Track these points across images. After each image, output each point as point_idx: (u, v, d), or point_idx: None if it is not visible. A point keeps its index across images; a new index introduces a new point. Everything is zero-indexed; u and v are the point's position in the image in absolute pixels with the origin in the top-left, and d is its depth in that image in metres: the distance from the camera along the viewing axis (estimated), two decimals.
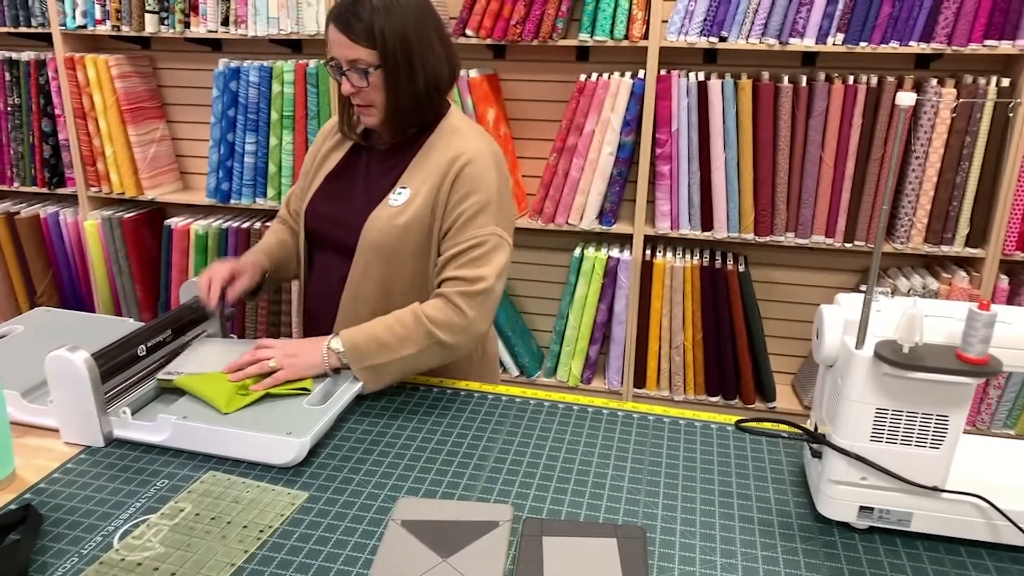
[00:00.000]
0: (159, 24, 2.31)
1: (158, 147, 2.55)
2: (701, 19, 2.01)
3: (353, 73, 1.19)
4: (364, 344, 1.15)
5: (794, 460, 1.04)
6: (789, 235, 2.14)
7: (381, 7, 1.17)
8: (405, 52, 1.18)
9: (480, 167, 1.22)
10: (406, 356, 1.15)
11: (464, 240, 1.20)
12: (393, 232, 1.22)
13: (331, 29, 1.19)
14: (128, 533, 0.86)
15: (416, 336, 1.16)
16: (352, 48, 1.17)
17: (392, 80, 1.19)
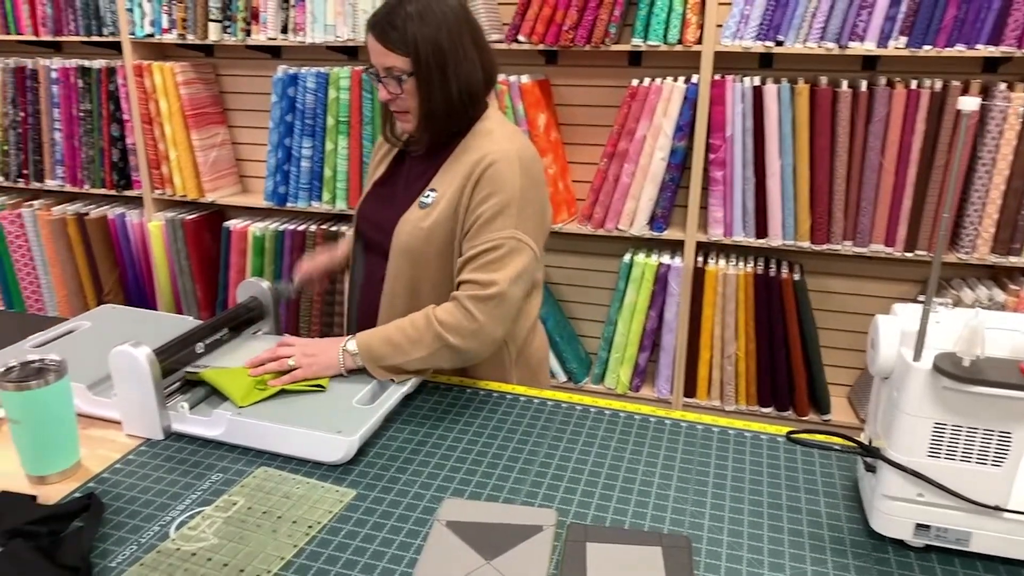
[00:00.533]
0: (222, 32, 2.39)
1: (219, 151, 2.64)
2: (757, 23, 1.98)
3: (389, 80, 1.22)
4: (377, 346, 1.17)
5: (847, 474, 1.02)
6: (847, 243, 2.09)
7: (415, 14, 1.19)
8: (438, 59, 1.20)
9: (503, 168, 1.21)
10: (417, 358, 1.17)
11: (481, 243, 1.20)
12: (419, 234, 1.25)
13: (369, 37, 1.22)
14: (184, 524, 0.89)
15: (426, 339, 1.17)
16: (387, 55, 1.20)
17: (425, 87, 1.21)
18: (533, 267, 1.24)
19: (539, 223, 1.26)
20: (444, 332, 1.17)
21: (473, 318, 1.18)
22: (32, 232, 2.78)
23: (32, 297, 2.89)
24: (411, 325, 1.19)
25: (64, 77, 2.60)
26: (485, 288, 1.18)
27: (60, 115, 2.64)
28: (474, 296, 1.18)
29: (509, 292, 1.19)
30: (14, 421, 0.93)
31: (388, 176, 1.38)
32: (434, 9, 1.20)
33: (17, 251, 2.83)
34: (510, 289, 1.19)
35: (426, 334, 1.17)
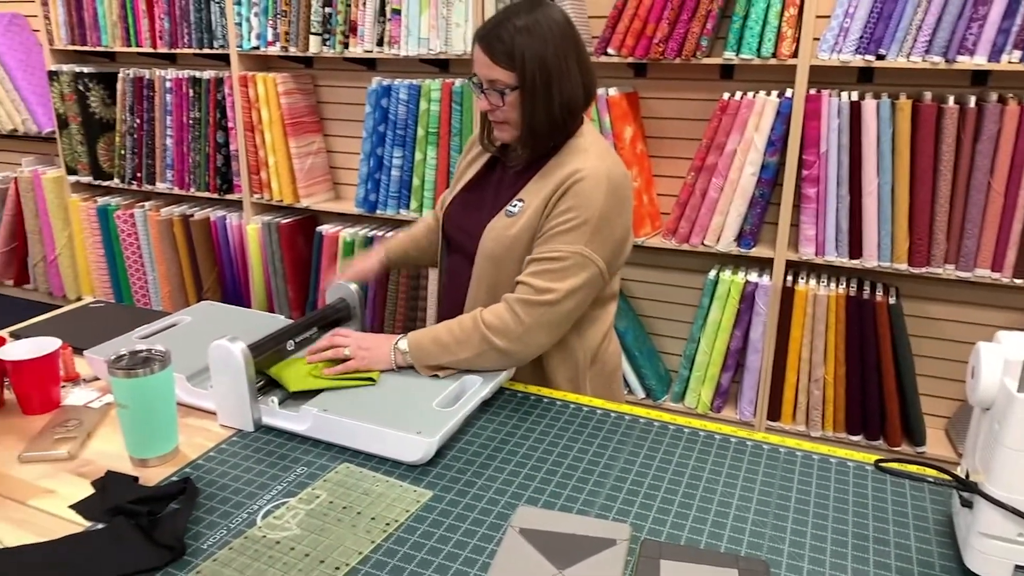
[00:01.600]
0: (321, 45, 2.49)
1: (314, 159, 2.75)
2: (857, 36, 1.92)
3: (492, 92, 1.24)
4: (427, 345, 1.21)
5: (941, 508, 0.96)
6: (948, 267, 1.99)
7: (524, 29, 1.20)
8: (543, 76, 1.21)
9: (589, 185, 1.22)
10: (463, 359, 1.20)
11: (548, 251, 1.22)
12: (504, 242, 1.27)
13: (476, 48, 1.24)
14: (270, 513, 0.93)
15: (473, 340, 1.20)
16: (492, 68, 1.22)
17: (528, 102, 1.23)
18: (596, 286, 1.25)
19: (614, 245, 1.26)
20: (490, 335, 1.19)
21: (520, 321, 1.20)
22: (142, 231, 2.97)
23: (140, 292, 3.08)
24: (459, 326, 1.21)
25: (177, 87, 2.77)
26: (539, 294, 1.20)
27: (172, 122, 2.81)
28: (525, 300, 1.20)
29: (562, 303, 1.21)
30: (122, 406, 1.00)
31: (478, 182, 1.40)
32: (542, 24, 1.21)
33: (128, 248, 3.03)
34: (564, 300, 1.21)
35: (473, 335, 1.20)
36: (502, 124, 1.28)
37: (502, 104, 1.24)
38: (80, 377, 1.26)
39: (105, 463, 1.03)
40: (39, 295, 3.51)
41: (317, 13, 2.45)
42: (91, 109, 2.96)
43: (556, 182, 1.24)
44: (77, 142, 3.01)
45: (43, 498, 0.96)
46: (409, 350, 1.21)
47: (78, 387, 1.24)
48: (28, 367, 1.13)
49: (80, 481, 0.99)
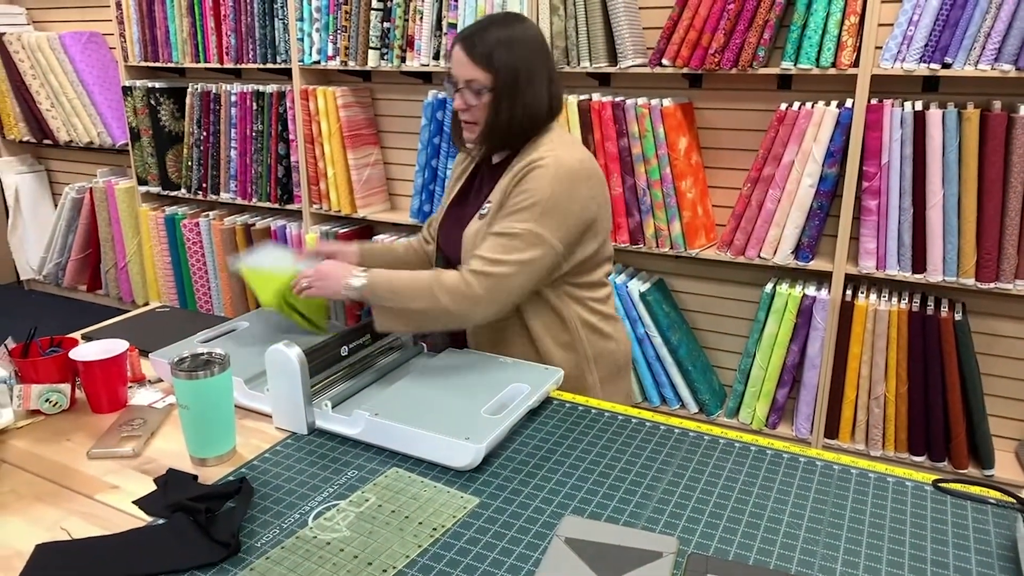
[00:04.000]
0: (380, 59, 2.55)
1: (371, 170, 2.80)
2: (922, 44, 1.87)
3: (467, 91, 1.33)
4: (380, 287, 1.28)
5: (1005, 532, 0.92)
6: (1020, 283, 1.91)
7: (504, 40, 1.31)
8: (513, 83, 1.32)
9: (542, 171, 1.30)
10: (411, 309, 1.27)
11: (502, 227, 1.29)
12: (479, 243, 1.33)
13: (456, 48, 1.34)
14: (321, 515, 0.95)
15: (424, 294, 1.27)
16: (473, 69, 1.32)
17: (495, 105, 1.33)
18: (548, 265, 1.31)
19: (570, 228, 1.32)
20: (441, 294, 1.26)
21: (471, 288, 1.27)
22: (207, 240, 3.08)
23: (203, 298, 3.19)
24: (414, 278, 1.29)
25: (241, 100, 2.86)
26: (492, 265, 1.28)
27: (236, 135, 2.92)
28: (478, 271, 1.28)
29: (512, 277, 1.28)
30: (183, 406, 1.04)
31: (462, 195, 1.49)
32: (518, 39, 1.32)
33: (193, 256, 3.14)
34: (514, 275, 1.28)
35: (425, 290, 1.27)
36: (471, 124, 1.37)
37: (476, 103, 1.33)
38: (145, 378, 1.32)
39: (167, 461, 1.07)
40: (110, 300, 3.67)
41: (376, 28, 2.51)
42: (161, 122, 3.09)
43: (514, 172, 1.33)
44: (148, 154, 3.14)
45: (109, 493, 1.00)
46: (362, 287, 1.28)
47: (143, 388, 1.29)
48: (97, 368, 1.19)
49: (143, 478, 1.03)
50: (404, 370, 1.30)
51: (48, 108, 3.42)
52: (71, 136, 3.43)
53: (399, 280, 1.29)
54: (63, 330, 1.58)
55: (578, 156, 1.34)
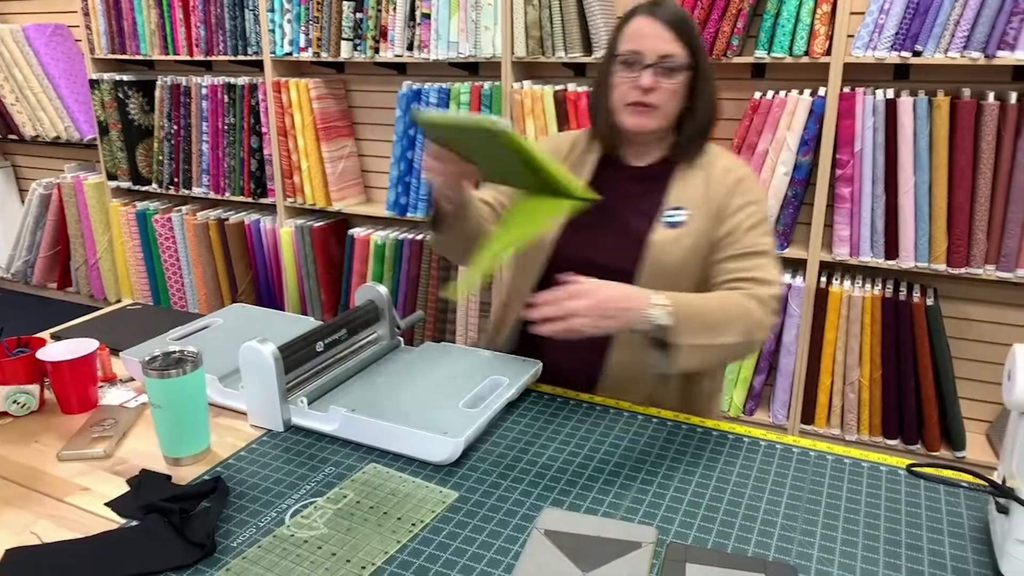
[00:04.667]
0: (353, 50, 2.52)
1: (346, 163, 2.78)
2: (892, 32, 1.88)
3: (660, 68, 1.17)
4: (692, 316, 1.04)
5: (977, 515, 0.94)
6: (989, 267, 1.94)
7: (695, 24, 1.20)
8: (707, 65, 1.20)
9: (753, 182, 1.22)
10: (719, 344, 1.06)
11: (751, 245, 1.18)
12: (677, 255, 1.20)
13: (644, 21, 1.18)
14: (298, 512, 0.94)
15: (738, 327, 1.08)
16: (671, 43, 1.16)
17: (694, 85, 1.19)
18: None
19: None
20: (754, 328, 1.10)
21: (768, 314, 1.14)
22: (179, 235, 3.03)
23: (176, 295, 3.14)
24: (725, 304, 1.10)
25: (212, 93, 2.82)
26: (772, 287, 1.15)
27: (207, 128, 2.87)
28: (773, 295, 1.15)
29: (780, 295, 1.19)
30: (155, 406, 1.02)
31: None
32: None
33: (166, 252, 3.10)
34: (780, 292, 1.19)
35: (740, 323, 1.09)
36: (651, 109, 1.18)
37: (673, 82, 1.17)
38: (117, 377, 1.30)
39: (140, 462, 1.05)
40: (81, 298, 3.61)
41: (348, 19, 2.48)
42: (130, 116, 3.03)
43: (716, 180, 1.21)
44: (117, 148, 3.09)
45: (80, 495, 0.98)
46: (669, 323, 1.03)
47: (115, 387, 1.27)
48: (67, 368, 1.16)
49: (115, 479, 1.01)
50: (381, 364, 1.29)
51: (13, 103, 3.35)
52: (37, 131, 3.36)
53: (709, 310, 1.07)
54: (32, 329, 1.55)
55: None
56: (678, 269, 1.20)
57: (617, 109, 1.22)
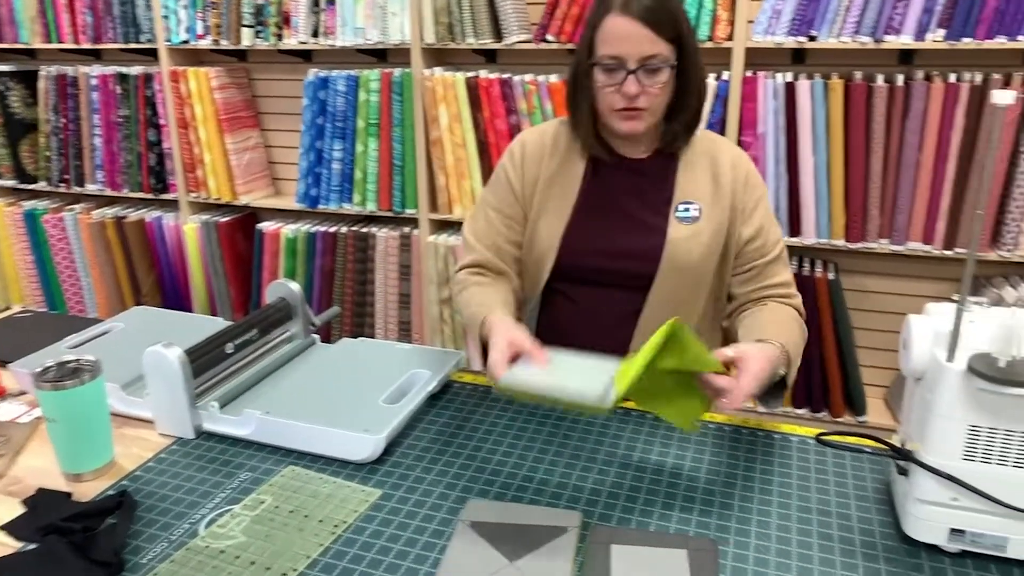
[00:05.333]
0: (254, 37, 2.42)
1: (252, 154, 2.68)
2: (789, 18, 1.95)
3: (645, 72, 1.07)
4: (795, 357, 1.08)
5: (880, 477, 0.99)
6: (883, 241, 2.05)
7: (676, 1, 1.08)
8: (694, 46, 1.10)
9: (755, 171, 1.21)
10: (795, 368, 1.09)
11: (772, 246, 1.19)
12: (698, 251, 1.15)
13: (620, 21, 1.05)
14: (213, 522, 0.90)
15: (803, 343, 1.14)
16: (652, 42, 1.06)
17: (683, 78, 1.11)
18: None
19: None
20: (805, 335, 1.16)
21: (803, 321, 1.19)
22: (73, 235, 2.85)
23: (73, 299, 2.96)
24: (792, 331, 1.12)
25: (103, 84, 2.66)
26: (794, 288, 1.20)
27: (99, 121, 2.71)
28: (800, 299, 1.20)
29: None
30: (51, 420, 0.96)
31: (591, 197, 1.19)
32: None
33: (59, 254, 2.91)
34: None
35: (803, 338, 1.14)
36: (639, 111, 1.10)
37: (656, 84, 1.08)
38: (6, 392, 1.21)
39: (36, 480, 0.99)
40: None
41: (248, 5, 2.38)
42: (11, 109, 2.83)
43: (724, 170, 1.17)
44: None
45: None
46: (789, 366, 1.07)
47: (4, 402, 1.18)
48: None
49: (9, 500, 0.95)
50: (297, 364, 1.26)
51: None
52: None
53: (795, 342, 1.10)
54: None
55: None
56: (696, 267, 1.16)
57: (605, 114, 1.14)
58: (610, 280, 1.18)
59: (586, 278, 1.19)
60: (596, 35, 1.09)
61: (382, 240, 2.43)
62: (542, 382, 0.88)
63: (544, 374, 0.92)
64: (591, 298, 1.20)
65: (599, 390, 0.84)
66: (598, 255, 1.18)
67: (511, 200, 1.23)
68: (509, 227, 1.24)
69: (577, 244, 1.18)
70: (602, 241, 1.18)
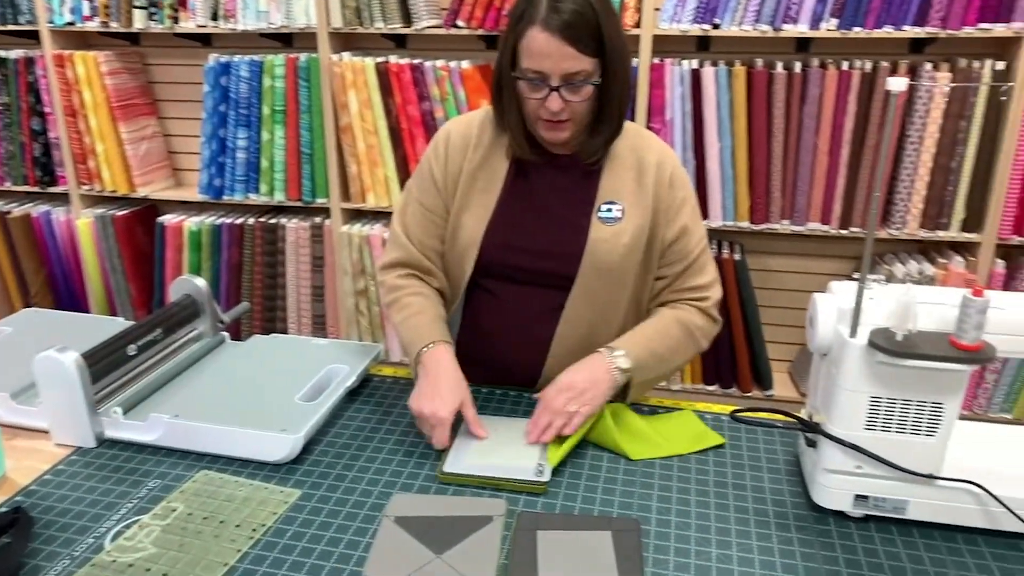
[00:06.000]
0: (148, 20, 2.29)
1: (150, 144, 2.54)
2: (694, 6, 2.00)
3: (567, 88, 1.05)
4: (647, 359, 1.11)
5: (789, 449, 1.04)
6: (785, 222, 2.14)
7: (601, 8, 1.04)
8: (623, 57, 1.08)
9: (681, 170, 1.20)
10: (672, 368, 1.17)
11: (694, 248, 1.19)
12: (619, 251, 1.14)
13: (542, 37, 1.02)
14: (120, 534, 0.85)
15: (686, 348, 1.17)
16: (574, 59, 1.03)
17: (607, 90, 1.09)
18: None
19: None
20: (702, 340, 1.19)
21: (717, 322, 1.21)
22: None
23: None
24: (668, 335, 1.15)
25: None
26: (712, 291, 1.20)
27: None
28: (716, 302, 1.20)
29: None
30: None
31: (512, 193, 1.18)
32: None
33: None
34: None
35: (686, 343, 1.17)
36: (563, 123, 1.09)
37: (580, 98, 1.07)
38: None
39: None
40: None
41: None
42: None
43: (649, 172, 1.16)
44: None
45: None
46: (632, 367, 1.08)
47: None
48: None
49: None
50: (207, 363, 1.20)
51: None
52: None
53: (657, 342, 1.13)
54: None
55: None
56: (618, 266, 1.15)
57: (530, 121, 1.13)
58: (532, 278, 1.17)
59: (509, 275, 1.19)
60: (519, 45, 1.06)
61: (292, 231, 2.36)
62: (482, 469, 0.96)
63: (480, 454, 1.00)
64: (514, 295, 1.19)
65: (532, 469, 0.96)
66: (520, 253, 1.17)
67: (433, 192, 1.21)
68: (433, 221, 1.22)
69: (500, 241, 1.17)
70: (524, 239, 1.17)
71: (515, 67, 1.09)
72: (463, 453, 1.00)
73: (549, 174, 1.18)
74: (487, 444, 1.02)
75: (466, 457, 0.99)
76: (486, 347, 1.22)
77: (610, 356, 1.08)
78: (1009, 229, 1.99)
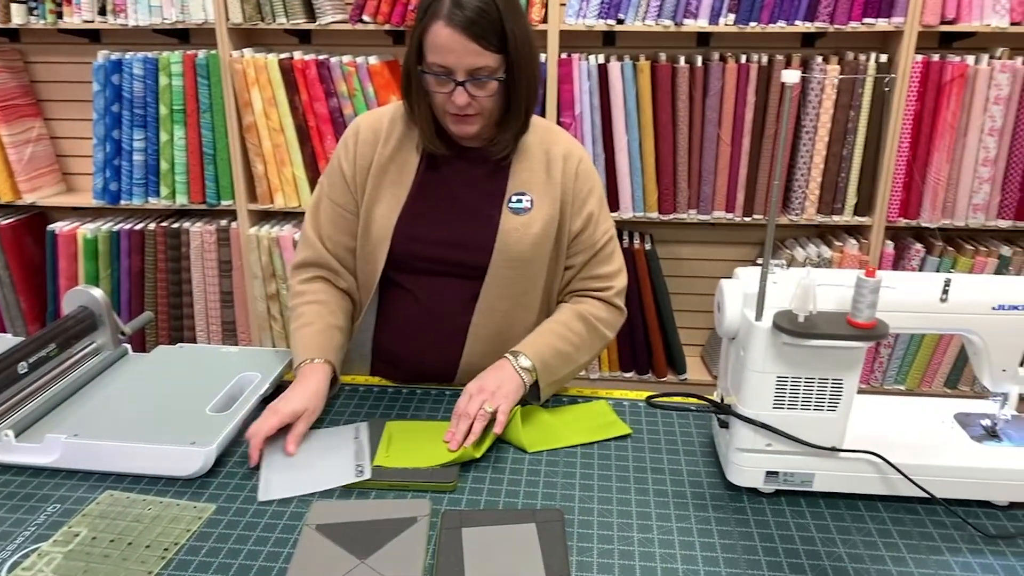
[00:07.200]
0: (28, 15, 2.15)
1: (35, 147, 2.38)
2: (598, 1, 2.03)
3: (474, 83, 1.07)
4: (551, 358, 1.12)
5: (704, 431, 1.07)
6: (692, 212, 2.20)
7: (504, 5, 1.05)
8: (527, 54, 1.09)
9: (588, 162, 1.22)
10: (581, 363, 1.18)
11: (599, 238, 1.21)
12: (528, 240, 1.15)
13: (446, 32, 1.03)
14: (17, 565, 0.80)
15: (591, 342, 1.18)
16: (479, 55, 1.04)
17: (513, 85, 1.10)
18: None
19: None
20: (606, 331, 1.20)
21: (621, 312, 1.23)
22: None
23: None
24: (571, 331, 1.16)
25: None
26: (617, 281, 1.22)
27: None
28: (619, 291, 1.22)
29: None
30: None
31: (424, 185, 1.18)
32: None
33: None
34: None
35: (591, 337, 1.18)
36: (471, 117, 1.11)
37: (486, 94, 1.08)
38: None
39: None
40: None
41: None
42: None
43: (557, 165, 1.18)
44: None
45: None
46: (537, 367, 1.10)
47: None
48: None
49: None
50: (107, 378, 1.14)
51: None
52: None
53: (559, 341, 1.14)
54: None
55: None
56: (529, 256, 1.16)
57: (439, 114, 1.14)
58: (445, 270, 1.18)
59: (421, 267, 1.18)
60: (424, 39, 1.07)
61: (197, 235, 2.26)
62: (298, 486, 0.93)
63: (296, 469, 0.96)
64: (428, 288, 1.19)
65: (352, 471, 0.95)
66: (432, 244, 1.17)
67: (344, 188, 1.20)
68: (344, 217, 1.21)
69: (411, 232, 1.17)
70: (436, 230, 1.17)
71: (421, 61, 1.09)
72: (275, 474, 0.96)
73: (460, 167, 1.19)
74: (299, 458, 0.98)
75: (277, 479, 0.94)
76: (401, 342, 1.22)
77: (514, 360, 1.10)
78: (896, 212, 2.11)
